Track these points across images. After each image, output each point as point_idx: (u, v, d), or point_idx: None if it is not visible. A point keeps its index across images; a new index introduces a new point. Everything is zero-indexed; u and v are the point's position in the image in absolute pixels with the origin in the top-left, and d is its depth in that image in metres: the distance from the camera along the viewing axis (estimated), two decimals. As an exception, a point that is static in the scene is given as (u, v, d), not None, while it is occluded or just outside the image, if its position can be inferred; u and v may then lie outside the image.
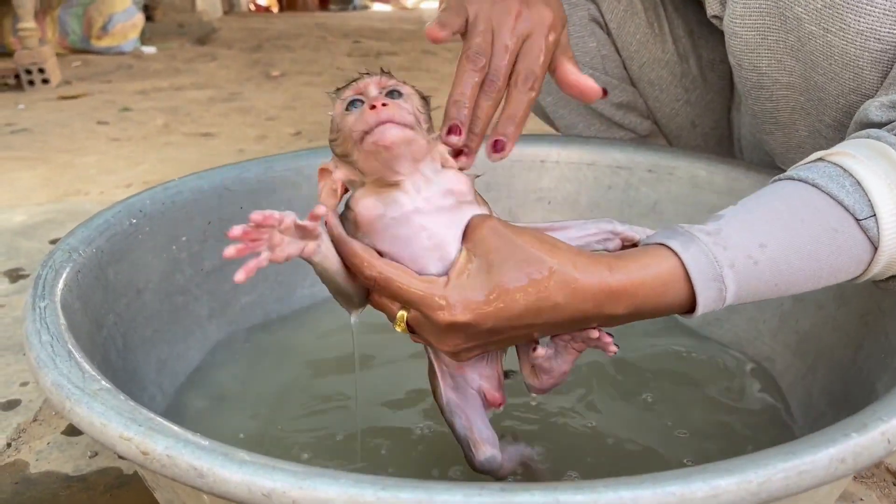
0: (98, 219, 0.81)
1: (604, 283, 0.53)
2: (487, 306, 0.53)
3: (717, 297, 0.55)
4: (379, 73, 0.60)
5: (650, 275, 0.54)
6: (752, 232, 0.56)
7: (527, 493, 0.41)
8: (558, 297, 0.53)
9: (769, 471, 0.42)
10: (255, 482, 0.43)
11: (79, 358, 0.56)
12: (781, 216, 0.58)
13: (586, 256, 0.54)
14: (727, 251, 0.55)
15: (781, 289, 0.58)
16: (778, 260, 0.56)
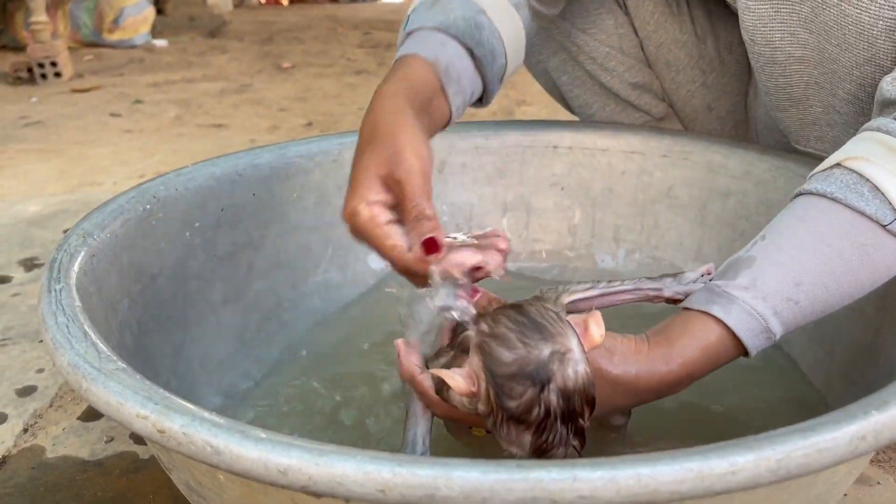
0: (112, 204, 0.81)
1: (663, 379, 0.56)
2: None
3: (766, 343, 0.58)
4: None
5: (701, 350, 0.56)
6: (785, 273, 0.58)
7: (544, 470, 0.41)
8: (619, 400, 0.56)
9: (788, 448, 0.42)
10: (272, 459, 0.43)
11: (95, 338, 0.56)
12: (810, 246, 0.59)
13: (644, 357, 0.56)
14: (766, 301, 0.57)
15: (822, 313, 0.60)
16: (816, 292, 0.58)
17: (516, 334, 0.51)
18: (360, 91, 2.51)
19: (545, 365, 0.49)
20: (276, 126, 2.13)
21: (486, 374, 0.51)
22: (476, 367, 0.52)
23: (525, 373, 0.49)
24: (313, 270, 1.02)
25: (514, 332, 0.51)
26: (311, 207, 1.00)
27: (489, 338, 0.52)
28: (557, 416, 0.50)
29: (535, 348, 0.50)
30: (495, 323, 0.52)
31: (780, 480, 0.42)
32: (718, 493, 0.41)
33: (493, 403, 0.51)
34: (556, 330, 0.51)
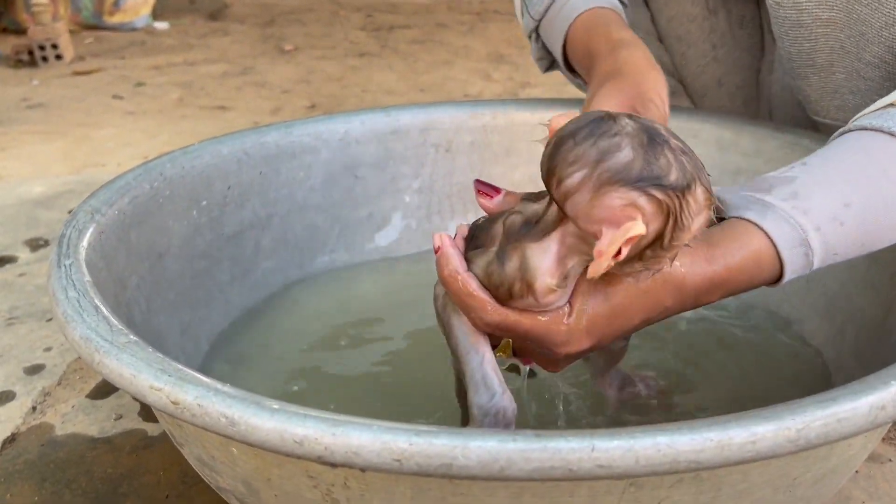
0: (119, 181, 0.81)
1: (706, 278, 0.51)
2: (609, 327, 0.51)
3: (804, 264, 0.52)
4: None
5: (744, 257, 0.52)
6: (833, 191, 0.53)
7: (562, 440, 0.40)
8: (668, 301, 0.51)
9: (808, 417, 0.42)
10: (287, 429, 0.43)
11: (106, 312, 0.56)
12: (862, 169, 0.54)
13: (689, 253, 0.51)
14: (808, 215, 0.52)
15: (867, 246, 0.55)
16: (865, 217, 0.53)
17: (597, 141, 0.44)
18: (362, 73, 2.50)
19: (648, 129, 0.44)
20: (279, 108, 2.12)
21: (636, 185, 0.43)
22: (619, 202, 0.43)
23: (645, 144, 0.43)
24: (320, 250, 1.02)
25: (591, 143, 0.44)
26: (318, 187, 1.00)
27: (599, 161, 0.43)
28: (690, 151, 0.44)
29: (619, 128, 0.44)
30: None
31: (799, 450, 0.42)
32: (737, 464, 0.41)
33: (664, 206, 0.43)
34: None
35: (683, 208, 0.43)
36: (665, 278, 0.50)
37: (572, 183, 0.44)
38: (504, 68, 2.48)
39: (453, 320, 0.52)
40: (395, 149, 1.04)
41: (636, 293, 0.50)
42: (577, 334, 0.50)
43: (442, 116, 1.05)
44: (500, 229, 0.51)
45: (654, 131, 0.44)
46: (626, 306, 0.50)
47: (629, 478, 0.42)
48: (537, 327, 0.50)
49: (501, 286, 0.49)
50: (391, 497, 0.47)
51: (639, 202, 0.43)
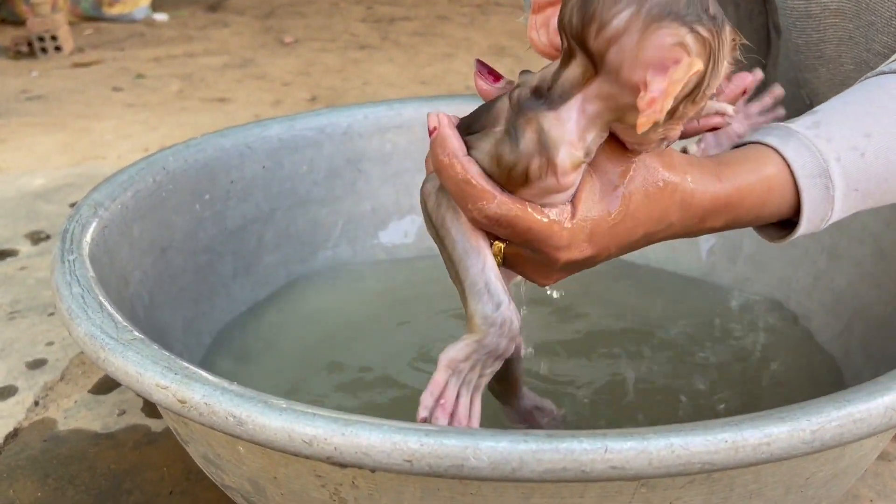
0: (122, 175, 0.80)
1: (715, 196, 0.48)
2: (611, 237, 0.47)
3: (824, 198, 0.49)
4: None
5: (756, 179, 0.49)
6: (854, 122, 0.50)
7: (574, 440, 0.40)
8: (674, 216, 0.48)
9: (823, 418, 0.41)
10: (296, 429, 0.42)
11: (111, 309, 0.55)
12: (884, 105, 0.52)
13: (697, 167, 0.48)
14: (831, 143, 0.49)
15: (889, 185, 0.51)
16: (887, 150, 0.50)
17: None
18: (363, 66, 2.48)
19: None
20: (279, 101, 2.11)
21: (685, 21, 0.39)
22: (670, 40, 0.39)
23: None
24: (323, 244, 1.01)
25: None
26: (321, 180, 0.99)
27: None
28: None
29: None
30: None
31: (814, 452, 0.41)
32: (752, 465, 0.41)
33: (708, 45, 0.40)
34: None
35: (721, 47, 0.40)
36: (673, 188, 0.47)
37: (619, 24, 0.40)
38: (506, 61, 2.47)
39: (448, 220, 0.46)
40: (399, 143, 1.04)
41: (642, 199, 0.46)
42: (579, 238, 0.46)
43: (446, 110, 1.04)
44: (504, 105, 0.45)
45: None
46: (631, 213, 0.47)
47: (642, 479, 0.42)
48: (540, 225, 0.45)
49: (516, 167, 0.43)
50: (400, 497, 0.47)
51: (686, 40, 0.39)
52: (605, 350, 0.83)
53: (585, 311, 0.91)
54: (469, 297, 0.46)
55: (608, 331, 0.88)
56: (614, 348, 0.83)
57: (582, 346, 0.84)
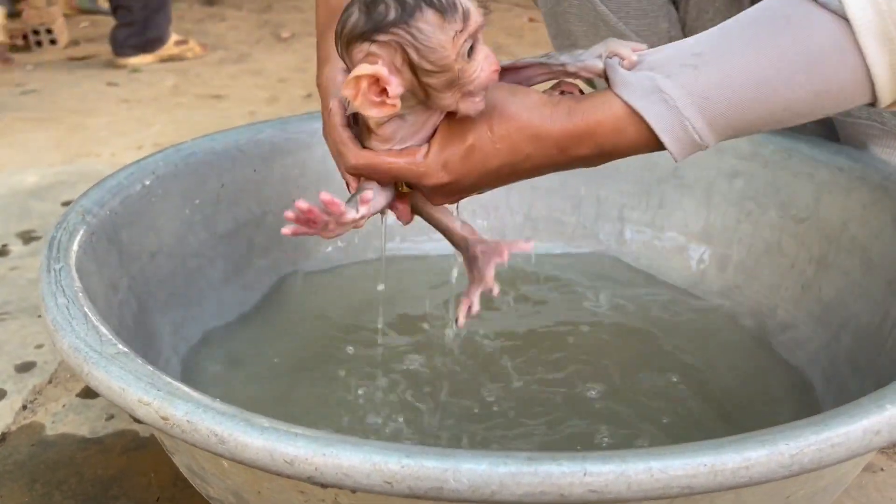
0: (111, 180, 0.80)
1: (565, 129, 0.55)
2: (464, 166, 0.56)
3: (668, 110, 0.52)
4: (481, 10, 0.54)
5: (602, 112, 0.54)
6: (682, 46, 0.54)
7: (553, 463, 0.40)
8: (528, 149, 0.56)
9: (801, 443, 0.41)
10: (277, 449, 0.43)
11: (95, 321, 0.55)
12: (723, 26, 0.54)
13: (549, 106, 0.55)
14: (656, 68, 0.53)
15: (761, 100, 0.52)
16: (725, 60, 0.52)
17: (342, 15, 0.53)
18: (360, 62, 2.48)
19: None
20: (275, 97, 2.10)
21: (364, 38, 0.51)
22: (360, 55, 0.52)
23: (367, 2, 0.51)
24: (314, 248, 1.01)
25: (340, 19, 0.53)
26: (312, 184, 0.99)
27: (341, 31, 0.53)
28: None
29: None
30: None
31: (793, 475, 0.42)
32: (731, 489, 0.41)
33: (394, 44, 0.51)
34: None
35: (415, 35, 0.50)
36: (519, 126, 0.55)
37: (338, 53, 0.54)
38: (503, 58, 2.45)
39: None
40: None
41: (489, 137, 0.55)
42: (434, 168, 0.56)
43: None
44: None
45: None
46: (479, 147, 0.56)
47: (621, 502, 0.42)
48: (397, 165, 0.57)
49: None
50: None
51: (371, 49, 0.51)
52: (585, 355, 0.84)
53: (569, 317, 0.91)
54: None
55: (589, 335, 0.88)
56: (590, 354, 0.83)
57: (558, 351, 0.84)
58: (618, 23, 0.92)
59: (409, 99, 0.53)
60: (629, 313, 0.92)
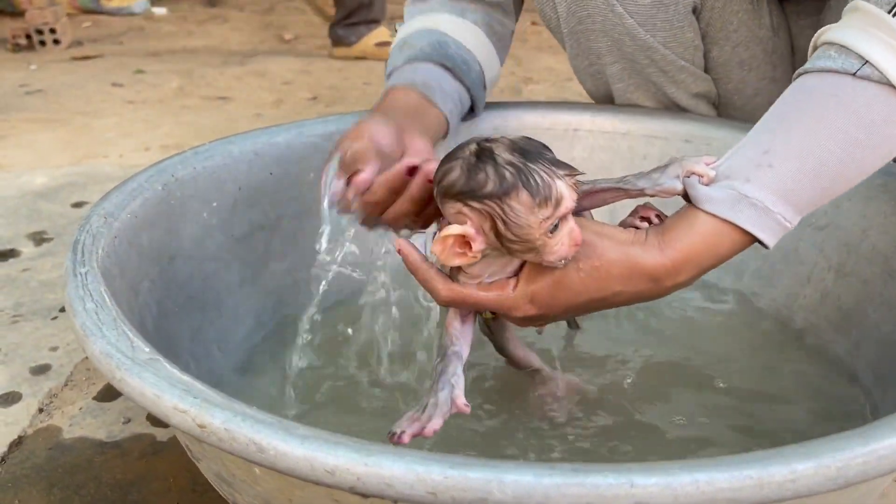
0: (131, 183, 0.80)
1: (660, 264, 0.56)
2: (552, 300, 0.58)
3: (761, 214, 0.55)
4: (574, 184, 0.55)
5: (693, 235, 0.56)
6: (749, 149, 0.58)
7: (600, 475, 0.40)
8: (617, 286, 0.57)
9: (848, 455, 0.41)
10: (318, 458, 0.42)
11: (125, 327, 0.55)
12: (777, 116, 0.59)
13: (637, 244, 0.57)
14: (731, 178, 0.56)
15: (832, 175, 0.57)
16: (794, 152, 0.56)
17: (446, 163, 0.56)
18: (364, 65, 2.48)
19: (479, 151, 0.54)
20: (281, 100, 2.10)
21: (458, 198, 0.54)
22: (452, 210, 0.55)
23: (471, 164, 0.53)
24: (330, 252, 1.00)
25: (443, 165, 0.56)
26: (328, 188, 0.98)
27: (440, 181, 0.55)
28: (522, 163, 0.52)
29: (463, 153, 0.55)
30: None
31: (838, 488, 0.41)
32: (776, 502, 0.40)
33: (485, 212, 0.53)
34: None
35: (506, 210, 0.52)
36: (609, 265, 0.56)
37: (435, 195, 0.57)
38: (506, 62, 2.47)
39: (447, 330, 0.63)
40: (406, 150, 1.03)
41: (577, 274, 0.57)
42: (522, 302, 0.58)
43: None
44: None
45: (486, 152, 0.53)
46: (567, 284, 0.57)
47: (666, 514, 0.42)
48: (487, 298, 0.59)
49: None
50: (419, 524, 0.46)
51: (463, 210, 0.54)
52: (610, 363, 0.83)
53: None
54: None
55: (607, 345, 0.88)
56: (615, 361, 0.83)
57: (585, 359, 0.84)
58: (645, 35, 0.92)
59: (492, 251, 0.56)
60: (642, 315, 0.92)
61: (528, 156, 0.53)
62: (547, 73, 2.36)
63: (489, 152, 0.53)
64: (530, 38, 2.82)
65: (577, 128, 1.07)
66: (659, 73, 0.98)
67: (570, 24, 0.96)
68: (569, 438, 0.72)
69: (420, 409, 0.56)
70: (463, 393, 0.57)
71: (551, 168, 0.52)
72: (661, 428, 0.74)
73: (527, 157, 0.52)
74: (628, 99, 1.04)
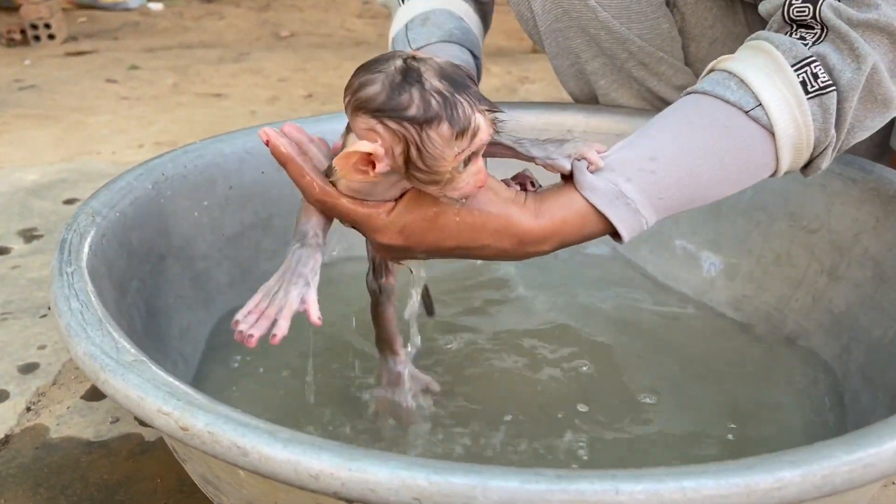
0: (120, 181, 0.79)
1: (531, 228, 0.58)
2: (421, 237, 0.58)
3: (630, 211, 0.59)
4: (491, 122, 0.53)
5: (568, 213, 0.59)
6: (640, 149, 0.61)
7: (585, 481, 0.40)
8: (486, 240, 0.58)
9: (834, 463, 0.41)
10: (302, 462, 0.42)
11: (110, 327, 0.55)
12: (671, 126, 0.63)
13: (517, 204, 0.58)
14: (615, 172, 0.59)
15: (698, 194, 0.62)
16: (676, 165, 0.61)
17: (365, 74, 0.53)
18: (360, 63, 2.47)
19: (405, 70, 0.51)
20: (276, 97, 2.09)
21: (374, 114, 0.51)
22: (363, 125, 0.52)
23: (395, 82, 0.50)
24: (321, 251, 1.00)
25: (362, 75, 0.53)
26: (320, 187, 0.98)
27: (356, 91, 0.52)
28: (449, 92, 0.50)
29: (387, 67, 0.51)
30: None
31: (824, 496, 0.41)
32: (762, 509, 0.40)
33: (400, 135, 0.51)
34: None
35: (423, 139, 0.50)
36: (486, 218, 0.57)
37: (344, 103, 0.54)
38: (502, 61, 2.46)
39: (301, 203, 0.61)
40: (399, 150, 1.03)
41: (454, 220, 0.57)
42: (391, 228, 0.58)
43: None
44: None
45: (413, 72, 0.51)
46: (442, 226, 0.57)
47: (651, 521, 0.41)
48: (357, 212, 0.58)
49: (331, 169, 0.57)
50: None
51: (376, 128, 0.51)
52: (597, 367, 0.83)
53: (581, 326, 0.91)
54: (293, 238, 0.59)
55: (598, 347, 0.87)
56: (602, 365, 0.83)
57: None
58: (620, 27, 0.92)
59: (390, 173, 0.54)
60: (635, 317, 0.92)
61: (456, 85, 0.51)
62: (543, 72, 2.36)
63: (417, 73, 0.50)
64: (526, 38, 2.81)
65: (571, 128, 1.06)
66: (639, 67, 0.98)
67: (545, 22, 0.96)
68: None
69: (267, 296, 0.55)
70: (316, 298, 0.56)
71: (474, 101, 0.51)
72: (648, 430, 0.74)
73: (454, 87, 0.50)
74: (612, 98, 1.04)
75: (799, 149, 0.65)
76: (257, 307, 0.55)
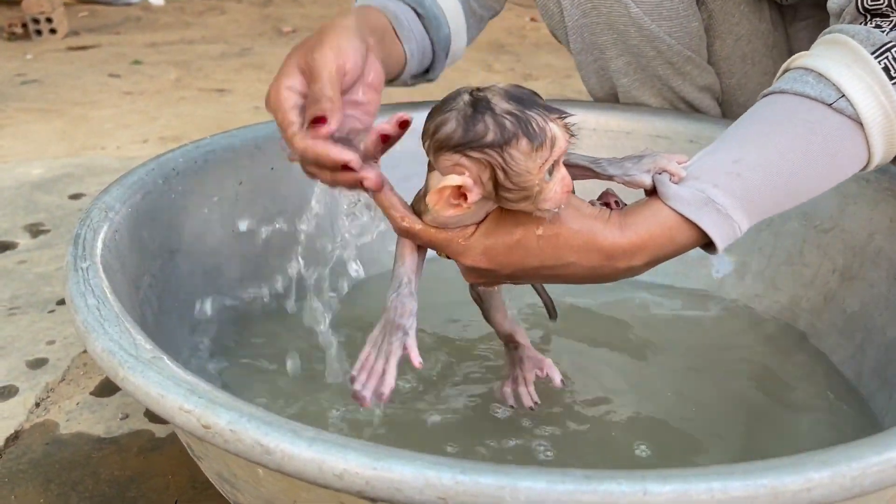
0: (132, 176, 0.79)
1: (616, 243, 0.57)
2: (505, 258, 0.58)
3: (723, 219, 0.57)
4: (565, 127, 0.55)
5: (654, 225, 0.57)
6: (721, 154, 0.59)
7: (613, 482, 0.39)
8: (571, 257, 0.57)
9: (863, 464, 0.41)
10: (327, 461, 0.42)
11: (128, 324, 0.54)
12: (751, 128, 0.61)
13: (601, 220, 0.57)
14: (700, 180, 0.57)
15: (789, 193, 0.60)
16: (762, 166, 0.59)
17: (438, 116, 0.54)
18: (364, 58, 2.46)
19: (474, 101, 0.52)
20: (279, 92, 2.09)
21: (456, 149, 0.52)
22: (448, 162, 0.53)
23: (468, 115, 0.52)
24: (330, 247, 1.00)
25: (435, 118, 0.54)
26: (329, 183, 0.98)
27: (433, 133, 0.53)
28: (519, 110, 0.52)
29: (456, 104, 0.53)
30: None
31: (852, 497, 0.41)
32: (791, 510, 0.40)
33: (485, 162, 0.52)
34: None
35: (506, 159, 0.52)
36: (569, 234, 0.57)
37: (424, 148, 0.55)
38: (505, 58, 2.46)
39: (398, 237, 0.62)
40: (408, 146, 1.02)
41: (535, 238, 0.57)
42: (473, 251, 0.58)
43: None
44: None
45: (482, 102, 0.52)
46: (524, 245, 0.57)
47: (679, 521, 0.41)
48: (438, 237, 0.58)
49: (418, 203, 0.59)
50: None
51: (461, 161, 0.53)
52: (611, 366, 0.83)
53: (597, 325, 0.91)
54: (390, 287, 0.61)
55: (612, 345, 0.87)
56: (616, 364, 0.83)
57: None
58: (651, 25, 0.92)
59: (480, 201, 0.55)
60: (643, 315, 0.92)
61: (524, 103, 0.52)
62: (546, 69, 2.35)
63: (485, 102, 0.52)
64: (529, 34, 2.81)
65: (580, 126, 1.05)
66: (665, 66, 0.97)
67: (573, 17, 0.95)
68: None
69: (375, 347, 0.57)
70: (416, 343, 0.57)
71: (545, 113, 0.52)
72: (662, 430, 0.74)
73: (523, 105, 0.52)
74: (633, 96, 1.03)
75: (890, 136, 0.62)
76: (367, 361, 0.57)
